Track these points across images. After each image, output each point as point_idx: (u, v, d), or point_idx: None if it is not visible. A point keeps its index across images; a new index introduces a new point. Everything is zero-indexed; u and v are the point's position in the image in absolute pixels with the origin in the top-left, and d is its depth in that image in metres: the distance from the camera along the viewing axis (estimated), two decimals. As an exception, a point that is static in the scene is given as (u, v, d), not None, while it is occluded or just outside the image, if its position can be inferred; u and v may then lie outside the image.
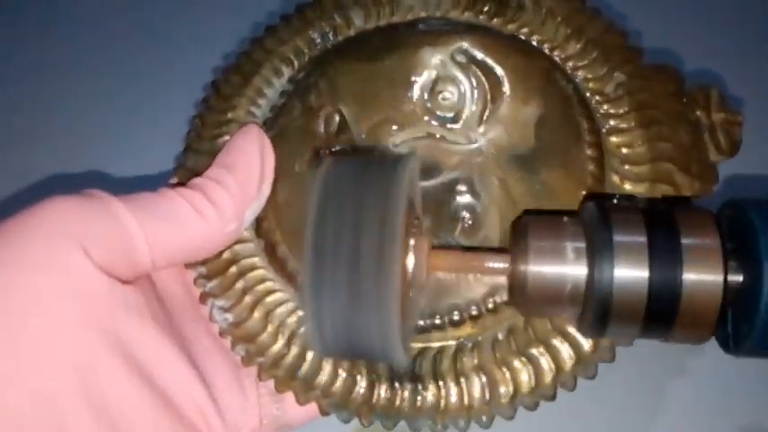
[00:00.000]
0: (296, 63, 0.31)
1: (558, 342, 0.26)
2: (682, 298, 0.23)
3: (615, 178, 0.28)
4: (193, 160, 0.30)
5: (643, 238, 0.23)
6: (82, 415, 0.22)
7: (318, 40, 0.32)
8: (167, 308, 0.27)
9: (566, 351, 0.26)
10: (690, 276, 0.23)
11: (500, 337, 0.26)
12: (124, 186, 0.26)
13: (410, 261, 0.24)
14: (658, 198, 0.27)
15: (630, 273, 0.23)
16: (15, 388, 0.21)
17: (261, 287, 0.28)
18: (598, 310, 0.23)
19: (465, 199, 0.28)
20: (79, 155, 0.43)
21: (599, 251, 0.23)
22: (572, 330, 0.26)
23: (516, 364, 0.26)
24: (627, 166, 0.28)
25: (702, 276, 0.23)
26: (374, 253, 0.22)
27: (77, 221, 0.23)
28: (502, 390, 0.26)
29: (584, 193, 0.27)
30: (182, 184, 0.29)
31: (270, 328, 0.27)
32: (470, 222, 0.27)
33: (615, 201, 0.27)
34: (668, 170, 0.27)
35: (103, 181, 0.41)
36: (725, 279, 0.23)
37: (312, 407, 0.27)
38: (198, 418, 0.25)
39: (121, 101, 0.46)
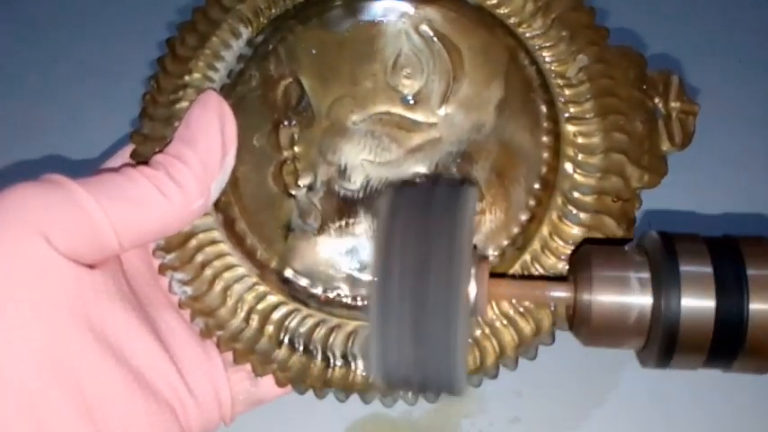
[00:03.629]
0: (254, 24, 0.30)
1: (501, 326, 0.28)
2: (749, 328, 0.23)
3: (568, 167, 0.28)
4: (150, 127, 0.29)
5: (709, 269, 0.23)
6: (55, 397, 0.23)
7: None
8: (131, 283, 0.27)
9: (508, 334, 0.27)
10: (756, 306, 0.23)
11: None
12: (85, 166, 0.26)
13: (472, 290, 0.24)
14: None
15: (697, 303, 0.23)
16: None
17: (219, 262, 0.29)
18: (664, 340, 0.24)
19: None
20: (35, 139, 0.41)
21: (665, 281, 0.23)
22: (515, 315, 0.28)
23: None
24: (581, 156, 0.28)
25: None
26: (442, 287, 0.22)
27: (38, 210, 0.23)
28: (448, 370, 0.27)
29: (536, 183, 0.28)
30: (139, 155, 0.29)
31: (229, 303, 0.28)
32: None
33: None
34: (620, 162, 0.28)
35: (63, 164, 0.39)
36: None
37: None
38: (171, 395, 0.26)
39: (72, 66, 0.43)
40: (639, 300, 0.24)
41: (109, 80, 0.42)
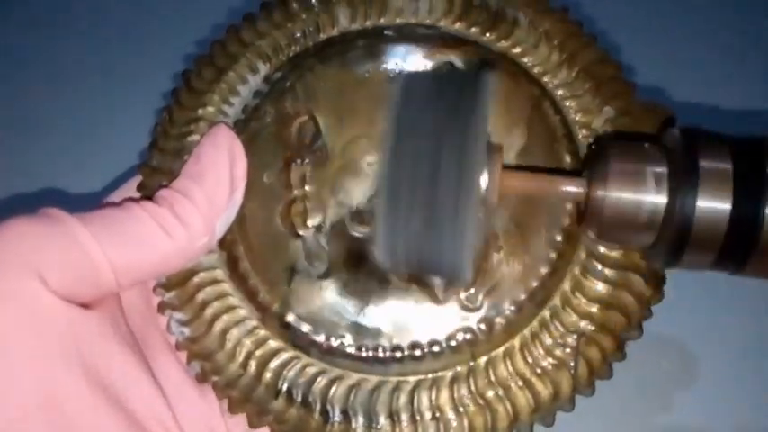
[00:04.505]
0: (273, 60, 0.30)
1: (516, 387, 0.26)
2: (763, 230, 0.22)
3: None
4: (159, 159, 0.29)
5: (728, 166, 0.22)
6: None
7: (299, 37, 0.30)
8: (128, 321, 0.26)
9: (524, 397, 0.26)
10: None
11: (459, 377, 0.26)
12: (86, 200, 0.25)
13: (483, 180, 0.23)
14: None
15: (713, 202, 0.22)
16: None
17: (220, 303, 0.27)
18: (676, 240, 0.23)
19: None
20: (33, 170, 0.39)
21: (682, 178, 0.23)
22: (531, 377, 0.26)
23: (472, 407, 0.26)
24: None
25: None
26: (454, 169, 0.21)
27: (33, 247, 0.22)
28: (456, 432, 0.26)
29: (558, 235, 0.26)
30: (146, 188, 0.28)
31: (227, 347, 0.27)
32: None
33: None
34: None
35: (63, 198, 0.37)
36: None
37: None
38: None
39: (77, 91, 0.42)
40: (654, 196, 0.23)
41: (116, 109, 0.40)
